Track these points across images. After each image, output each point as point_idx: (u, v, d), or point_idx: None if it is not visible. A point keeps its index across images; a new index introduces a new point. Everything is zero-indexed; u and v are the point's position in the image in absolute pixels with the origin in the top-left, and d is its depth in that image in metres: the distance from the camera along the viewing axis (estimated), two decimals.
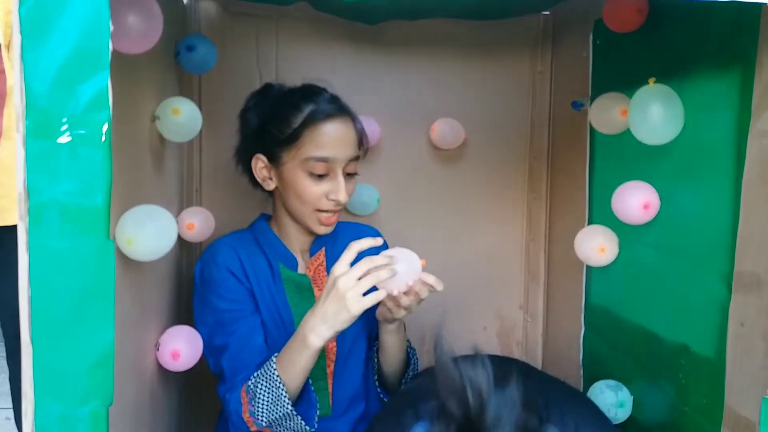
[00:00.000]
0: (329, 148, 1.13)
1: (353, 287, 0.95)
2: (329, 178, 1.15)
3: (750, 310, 0.84)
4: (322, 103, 1.16)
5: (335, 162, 1.14)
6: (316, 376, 1.20)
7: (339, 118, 1.15)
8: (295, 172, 1.14)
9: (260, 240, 1.23)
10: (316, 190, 1.14)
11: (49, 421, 0.68)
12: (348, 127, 1.17)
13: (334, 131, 1.14)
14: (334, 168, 1.14)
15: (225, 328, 1.13)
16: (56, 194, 0.64)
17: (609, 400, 1.11)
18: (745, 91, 0.85)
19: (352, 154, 1.16)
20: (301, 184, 1.14)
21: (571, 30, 1.46)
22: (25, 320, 0.66)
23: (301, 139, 1.13)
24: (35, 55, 0.62)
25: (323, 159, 1.13)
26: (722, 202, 0.89)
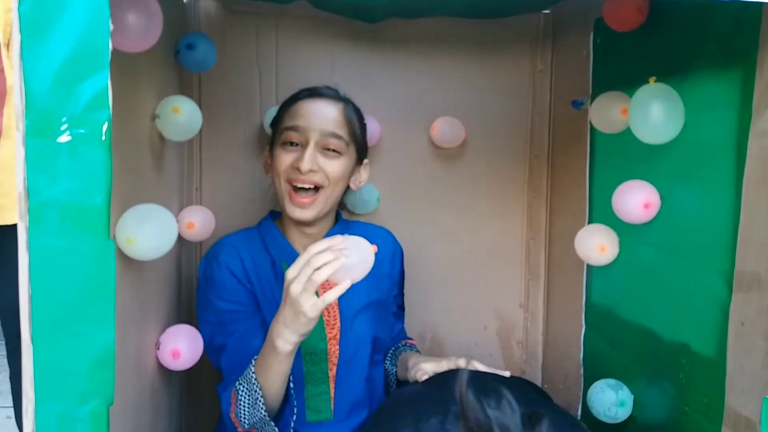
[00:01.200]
0: (302, 118, 1.15)
1: (303, 291, 0.91)
2: (301, 147, 1.15)
3: (750, 310, 0.84)
4: (316, 87, 1.20)
5: (307, 131, 1.14)
6: (318, 379, 1.19)
7: (323, 98, 1.18)
8: (277, 149, 1.17)
9: (266, 238, 1.23)
10: (286, 159, 1.15)
11: (50, 420, 0.68)
12: (331, 106, 1.18)
13: (313, 105, 1.17)
14: (306, 137, 1.14)
15: (225, 328, 1.13)
16: (56, 193, 0.64)
17: (609, 399, 1.11)
18: (745, 90, 0.85)
19: (329, 128, 1.15)
20: (277, 156, 1.16)
21: (571, 29, 1.46)
22: (26, 319, 0.66)
23: (283, 116, 1.19)
24: (35, 54, 0.62)
25: (294, 127, 1.15)
26: (723, 201, 0.89)
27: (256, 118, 1.45)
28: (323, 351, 1.19)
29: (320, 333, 1.20)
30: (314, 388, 1.19)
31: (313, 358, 1.19)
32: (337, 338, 1.20)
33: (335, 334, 1.20)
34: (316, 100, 1.18)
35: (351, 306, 1.22)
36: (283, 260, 1.21)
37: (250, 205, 1.47)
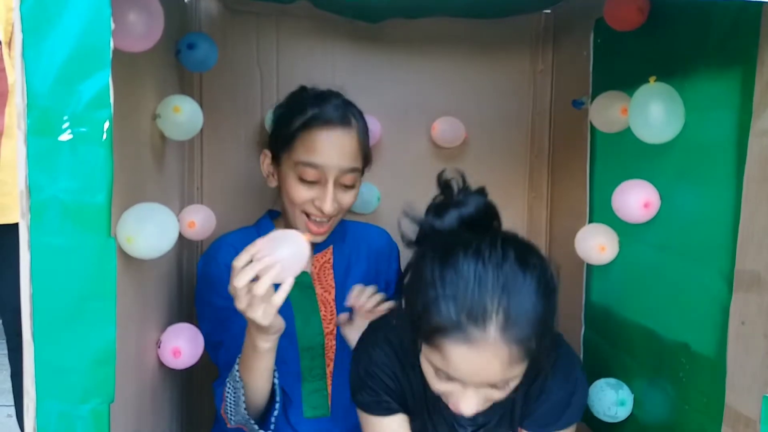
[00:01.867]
0: (320, 154, 1.10)
1: (248, 306, 0.89)
2: (320, 185, 1.12)
3: (751, 309, 0.84)
4: (326, 109, 1.13)
5: (326, 170, 1.11)
6: (315, 375, 1.20)
7: (339, 127, 1.12)
8: (288, 173, 1.14)
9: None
10: (304, 194, 1.12)
11: (51, 418, 0.68)
12: (348, 137, 1.13)
13: (329, 138, 1.11)
14: (325, 175, 1.11)
15: (222, 324, 1.14)
16: (57, 192, 0.64)
17: (609, 399, 1.11)
18: (745, 89, 0.85)
19: (348, 165, 1.12)
20: (291, 187, 1.13)
21: (571, 28, 1.46)
22: (27, 318, 0.67)
23: (295, 142, 1.12)
24: (36, 53, 0.62)
25: (312, 165, 1.10)
26: (723, 200, 0.89)
27: (256, 117, 1.46)
28: (320, 345, 1.20)
29: (318, 327, 1.20)
30: (311, 385, 1.20)
31: (310, 353, 1.20)
32: (334, 333, 1.22)
33: (332, 329, 1.22)
34: (331, 130, 1.12)
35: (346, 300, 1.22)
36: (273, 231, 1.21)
37: (251, 203, 1.47)
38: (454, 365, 0.79)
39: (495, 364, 0.77)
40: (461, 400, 0.83)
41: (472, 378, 0.80)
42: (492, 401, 0.85)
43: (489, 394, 0.83)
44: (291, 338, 1.18)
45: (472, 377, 0.80)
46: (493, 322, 0.75)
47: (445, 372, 0.81)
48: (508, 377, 0.80)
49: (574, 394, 0.96)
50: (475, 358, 0.77)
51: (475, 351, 0.76)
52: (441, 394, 0.87)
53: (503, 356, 0.76)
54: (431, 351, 0.81)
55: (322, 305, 1.22)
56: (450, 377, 0.81)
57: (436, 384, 0.85)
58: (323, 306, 1.22)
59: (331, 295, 1.23)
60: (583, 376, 1.00)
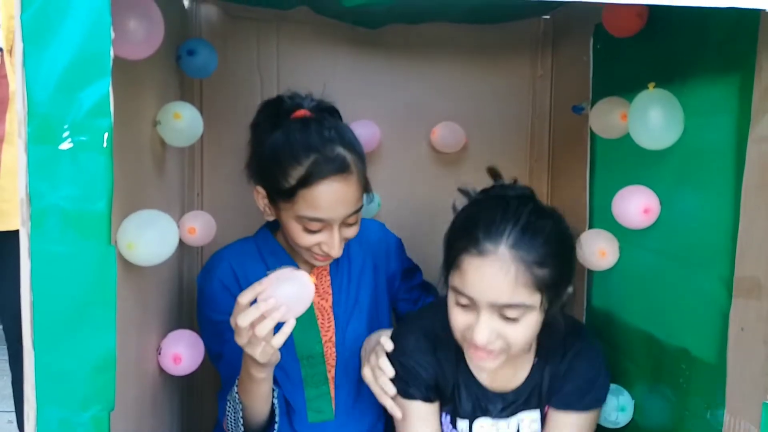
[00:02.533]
0: (324, 210, 1.07)
1: (248, 343, 0.90)
2: (325, 231, 1.10)
3: (750, 315, 0.84)
4: (321, 161, 1.06)
5: (330, 222, 1.08)
6: (318, 381, 1.20)
7: (339, 178, 1.07)
8: (290, 221, 1.10)
9: (262, 249, 1.22)
10: (309, 240, 1.10)
11: (51, 425, 0.68)
12: (348, 185, 1.08)
13: (331, 193, 1.06)
14: (330, 225, 1.09)
15: (220, 337, 1.14)
16: (58, 200, 0.64)
17: (610, 404, 1.11)
18: (744, 95, 0.85)
19: (351, 211, 1.10)
20: (295, 234, 1.10)
21: (571, 34, 1.46)
22: (27, 325, 0.67)
23: (295, 197, 1.07)
24: (37, 61, 0.63)
25: (317, 219, 1.08)
26: (722, 206, 0.89)
27: None
28: (320, 354, 1.19)
29: (315, 336, 1.20)
30: (314, 390, 1.20)
31: (310, 362, 1.19)
32: (333, 340, 1.20)
33: (330, 336, 1.21)
34: (333, 182, 1.06)
35: (344, 307, 1.22)
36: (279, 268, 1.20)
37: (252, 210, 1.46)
38: (469, 280, 0.91)
39: (501, 278, 0.88)
40: (476, 329, 0.91)
41: (483, 293, 0.90)
42: (504, 338, 0.92)
43: (500, 328, 0.91)
44: (289, 347, 1.18)
45: (483, 292, 0.90)
46: (504, 240, 0.89)
47: (463, 295, 0.92)
48: (515, 301, 0.89)
49: (598, 378, 1.05)
50: (487, 270, 0.89)
51: (487, 263, 0.89)
52: (463, 334, 0.95)
53: (510, 273, 0.88)
54: (453, 275, 0.94)
55: (319, 313, 1.21)
56: (467, 305, 0.93)
57: (457, 318, 0.95)
58: (320, 314, 1.21)
59: (328, 303, 1.22)
60: (607, 366, 1.08)
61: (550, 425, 1.05)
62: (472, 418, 1.06)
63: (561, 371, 1.04)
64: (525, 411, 1.06)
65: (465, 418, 1.06)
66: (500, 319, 0.91)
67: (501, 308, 0.90)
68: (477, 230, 0.91)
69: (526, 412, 1.06)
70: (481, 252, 0.89)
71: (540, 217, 0.93)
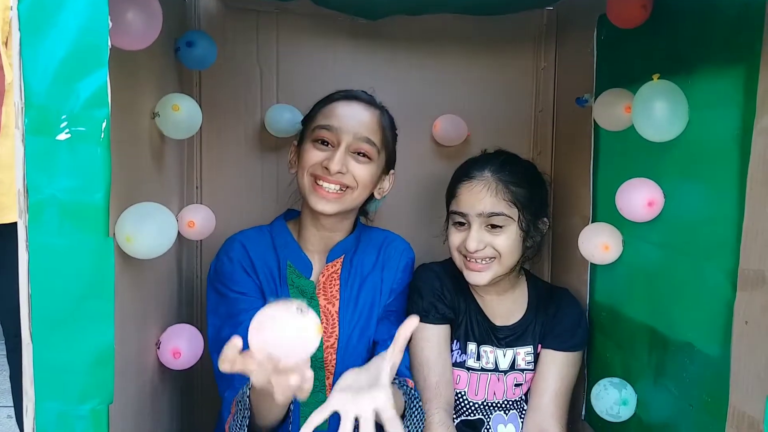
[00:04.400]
0: (336, 118, 1.14)
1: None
2: (333, 150, 1.13)
3: (755, 308, 0.83)
4: (353, 90, 1.20)
5: (339, 132, 1.13)
6: (314, 388, 1.15)
7: (358, 101, 1.17)
8: (306, 144, 1.15)
9: (275, 239, 1.21)
10: (315, 156, 1.13)
11: (50, 419, 0.68)
12: (366, 111, 1.17)
13: (347, 107, 1.16)
14: (339, 138, 1.13)
15: (234, 318, 1.11)
16: (55, 191, 0.64)
17: (613, 398, 1.11)
18: (749, 87, 0.84)
19: (362, 132, 1.14)
20: (306, 151, 1.15)
21: (575, 25, 1.45)
22: (25, 318, 0.66)
23: (316, 114, 1.17)
24: (34, 51, 0.62)
25: (327, 127, 1.13)
26: (727, 199, 0.88)
27: (256, 116, 1.45)
28: (319, 359, 1.17)
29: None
30: (310, 397, 1.16)
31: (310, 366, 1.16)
32: (335, 347, 1.18)
33: (333, 342, 1.18)
34: (352, 102, 1.17)
35: (350, 314, 1.20)
36: (289, 261, 1.20)
37: (251, 203, 1.46)
38: (462, 199, 1.23)
39: (486, 192, 1.20)
40: (468, 239, 1.20)
41: (472, 207, 1.20)
42: (492, 245, 1.20)
43: (488, 238, 1.20)
44: None
45: (472, 206, 1.20)
46: (488, 168, 1.23)
47: (458, 214, 1.23)
48: (497, 210, 1.19)
49: (581, 318, 1.29)
50: (474, 187, 1.21)
51: (474, 183, 1.22)
52: (459, 250, 1.23)
53: (492, 188, 1.20)
54: (452, 203, 1.26)
55: (324, 317, 1.19)
56: (461, 222, 1.22)
57: (454, 237, 1.24)
58: (325, 318, 1.19)
59: (334, 308, 1.19)
60: (587, 316, 1.32)
61: (543, 362, 1.27)
62: (480, 343, 1.28)
63: (550, 314, 1.29)
64: (521, 346, 1.29)
65: (475, 342, 1.28)
66: (487, 230, 1.20)
67: (487, 218, 1.19)
68: (468, 166, 1.27)
69: (522, 347, 1.29)
70: (470, 177, 1.23)
71: (516, 159, 1.28)
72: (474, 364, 1.28)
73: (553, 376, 1.25)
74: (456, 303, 1.28)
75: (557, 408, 1.24)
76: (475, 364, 1.28)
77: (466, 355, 1.28)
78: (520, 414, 1.30)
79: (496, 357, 1.28)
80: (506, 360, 1.28)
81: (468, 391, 1.28)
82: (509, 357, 1.28)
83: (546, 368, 1.26)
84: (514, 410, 1.30)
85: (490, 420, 1.29)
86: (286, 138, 1.45)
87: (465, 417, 1.29)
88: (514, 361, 1.28)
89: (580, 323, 1.28)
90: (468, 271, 1.23)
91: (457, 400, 1.28)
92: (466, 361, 1.28)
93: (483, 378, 1.28)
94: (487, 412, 1.29)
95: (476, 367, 1.28)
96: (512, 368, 1.28)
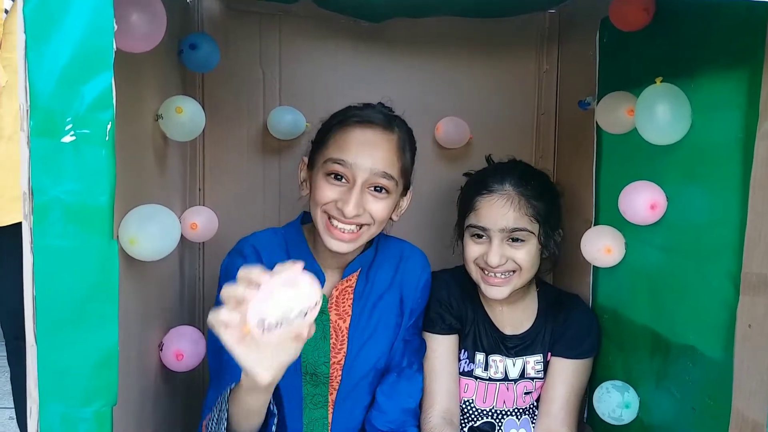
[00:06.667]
0: (351, 152, 1.05)
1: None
2: (347, 187, 1.06)
3: (758, 312, 0.83)
4: (367, 111, 1.09)
5: (355, 169, 1.05)
6: (317, 403, 1.16)
7: (374, 127, 1.07)
8: (318, 176, 1.08)
9: (289, 243, 1.17)
10: (328, 193, 1.06)
11: (54, 421, 0.68)
12: (385, 140, 1.08)
13: (362, 136, 1.06)
14: (354, 176, 1.05)
15: None
16: (60, 193, 0.64)
17: (615, 401, 1.11)
18: (752, 91, 0.84)
19: (379, 167, 1.05)
20: (319, 186, 1.07)
21: (577, 28, 1.45)
22: (30, 320, 0.66)
23: (329, 140, 1.08)
24: (40, 54, 0.62)
25: (341, 162, 1.05)
26: (730, 202, 0.88)
27: (259, 118, 1.45)
28: (325, 375, 1.15)
29: (324, 357, 1.15)
30: (312, 413, 1.16)
31: (313, 380, 1.15)
32: (342, 363, 1.16)
33: (340, 359, 1.16)
34: (367, 130, 1.07)
35: (361, 332, 1.17)
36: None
37: (253, 205, 1.46)
38: (483, 214, 1.20)
39: (508, 207, 1.18)
40: (489, 254, 1.18)
41: (495, 222, 1.18)
42: (513, 260, 1.19)
43: (508, 252, 1.19)
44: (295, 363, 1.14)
45: (495, 222, 1.18)
46: (508, 181, 1.21)
47: (478, 228, 1.20)
48: (520, 225, 1.18)
49: (591, 326, 1.27)
50: (496, 202, 1.19)
51: (495, 197, 1.19)
52: (477, 263, 1.22)
53: (514, 203, 1.18)
54: (469, 216, 1.23)
55: (333, 332, 1.16)
56: (480, 235, 1.21)
57: (473, 250, 1.22)
58: (335, 333, 1.16)
59: (345, 323, 1.16)
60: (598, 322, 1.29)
61: (553, 370, 1.26)
62: (489, 353, 1.28)
63: (560, 321, 1.28)
64: (530, 354, 1.28)
65: (483, 352, 1.28)
66: (508, 244, 1.19)
67: (509, 233, 1.18)
68: (486, 178, 1.23)
69: (532, 355, 1.28)
70: (491, 191, 1.20)
71: (533, 171, 1.28)
72: (482, 374, 1.28)
73: (563, 383, 1.24)
74: (463, 313, 1.28)
75: (568, 414, 1.24)
76: (483, 373, 1.28)
77: (474, 364, 1.28)
78: (532, 419, 1.29)
79: (506, 366, 1.28)
80: (516, 369, 1.28)
81: (476, 399, 1.28)
82: (519, 366, 1.28)
83: (556, 376, 1.25)
84: (526, 416, 1.30)
85: (502, 425, 1.29)
86: (288, 140, 1.45)
87: (474, 424, 1.29)
88: (524, 370, 1.28)
89: (590, 330, 1.27)
90: (486, 286, 1.22)
91: (465, 408, 1.29)
92: (474, 370, 1.28)
93: (491, 387, 1.28)
94: (497, 418, 1.29)
95: (484, 376, 1.28)
96: (522, 377, 1.28)
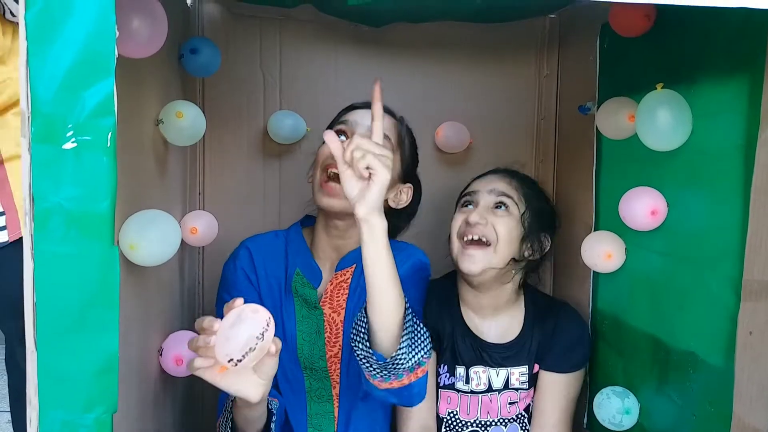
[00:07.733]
0: (353, 115, 1.14)
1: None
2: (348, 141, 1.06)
3: (759, 318, 0.83)
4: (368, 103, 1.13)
5: (354, 125, 1.12)
6: (320, 397, 1.17)
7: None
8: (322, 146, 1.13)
9: (289, 245, 1.20)
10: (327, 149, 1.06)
11: (54, 428, 0.68)
12: (386, 118, 1.11)
13: (364, 111, 1.14)
14: (353, 132, 1.11)
15: None
16: (61, 200, 0.64)
17: (615, 407, 1.10)
18: (753, 97, 0.84)
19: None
20: (320, 150, 1.14)
21: (577, 33, 1.45)
22: (30, 326, 0.66)
23: (334, 121, 1.17)
24: (41, 60, 0.62)
25: (342, 121, 1.14)
26: (730, 208, 0.88)
27: (259, 122, 1.45)
28: (323, 369, 1.16)
29: (320, 351, 1.16)
30: (318, 407, 1.17)
31: (314, 374, 1.17)
32: (339, 357, 1.16)
33: (336, 351, 1.16)
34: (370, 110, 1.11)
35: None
36: (298, 269, 1.18)
37: (254, 209, 1.46)
38: (473, 184, 1.27)
39: (499, 179, 1.25)
40: (473, 213, 1.20)
41: (485, 185, 1.24)
42: (493, 227, 1.19)
43: (490, 217, 1.20)
44: (293, 355, 1.16)
45: (485, 184, 1.24)
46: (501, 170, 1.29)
47: (467, 194, 1.26)
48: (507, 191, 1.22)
49: (582, 336, 1.26)
50: (488, 176, 1.27)
51: (488, 175, 1.28)
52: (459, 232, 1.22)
53: (505, 178, 1.25)
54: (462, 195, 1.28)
55: (328, 326, 1.17)
56: (468, 203, 1.25)
57: (458, 218, 1.24)
58: (329, 327, 1.17)
59: (339, 317, 1.17)
60: (589, 330, 1.30)
61: (542, 385, 1.25)
62: (469, 365, 1.26)
63: (548, 329, 1.25)
64: (515, 366, 1.26)
65: (463, 365, 1.26)
66: (491, 211, 1.21)
67: (497, 196, 1.22)
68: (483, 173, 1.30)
69: (516, 366, 1.26)
70: (485, 174, 1.29)
71: (526, 175, 1.31)
72: (464, 387, 1.26)
73: (556, 397, 1.24)
74: (439, 327, 1.25)
75: (563, 424, 1.24)
76: (464, 386, 1.26)
77: (454, 377, 1.26)
78: (521, 427, 1.28)
79: (489, 377, 1.26)
80: (499, 379, 1.26)
81: (460, 411, 1.27)
82: (502, 376, 1.26)
83: (548, 391, 1.25)
84: (514, 423, 1.28)
85: None
86: (289, 144, 1.45)
87: None
88: (508, 381, 1.26)
89: (580, 340, 1.26)
90: (463, 258, 1.19)
91: (450, 419, 1.28)
92: (455, 383, 1.27)
93: (474, 399, 1.27)
94: (483, 428, 1.28)
95: (466, 389, 1.26)
96: (506, 387, 1.27)
